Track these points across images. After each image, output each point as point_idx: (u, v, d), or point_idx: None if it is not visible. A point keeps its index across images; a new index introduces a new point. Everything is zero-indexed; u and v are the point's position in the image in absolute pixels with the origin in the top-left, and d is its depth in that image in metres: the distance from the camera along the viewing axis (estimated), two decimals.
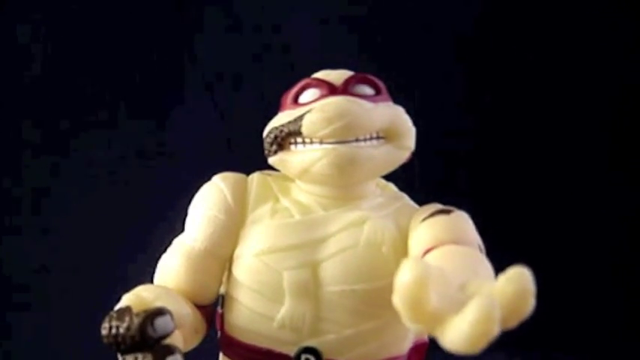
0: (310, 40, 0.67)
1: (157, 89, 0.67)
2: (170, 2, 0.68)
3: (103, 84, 0.66)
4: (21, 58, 0.66)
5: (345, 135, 0.38)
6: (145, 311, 0.33)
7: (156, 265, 0.42)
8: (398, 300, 0.26)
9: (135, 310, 0.34)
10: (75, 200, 0.66)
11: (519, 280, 0.26)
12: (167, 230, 0.42)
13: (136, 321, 0.32)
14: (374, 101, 0.40)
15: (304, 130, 0.39)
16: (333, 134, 0.38)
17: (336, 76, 0.41)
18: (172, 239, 0.43)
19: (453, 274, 0.30)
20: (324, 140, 0.39)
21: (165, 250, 0.43)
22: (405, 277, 0.26)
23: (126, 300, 0.35)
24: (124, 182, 0.66)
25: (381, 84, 0.42)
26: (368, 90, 0.41)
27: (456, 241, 0.37)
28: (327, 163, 0.39)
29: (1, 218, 0.66)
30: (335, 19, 0.68)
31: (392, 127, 0.40)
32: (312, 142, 0.40)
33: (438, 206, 0.41)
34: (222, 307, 0.43)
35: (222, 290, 0.43)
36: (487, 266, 0.34)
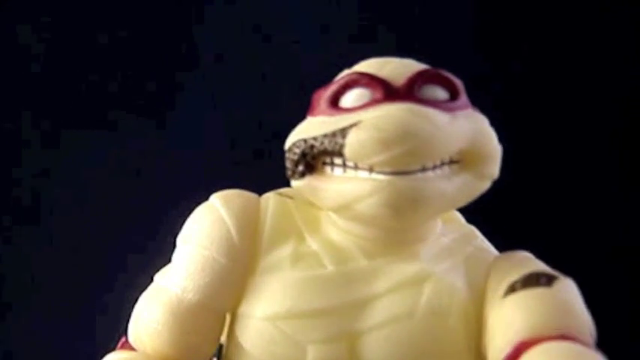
0: (312, 39, 0.63)
1: (157, 89, 0.64)
2: (170, 1, 0.65)
3: (102, 84, 0.64)
4: (20, 58, 0.64)
5: (407, 164, 0.26)
6: None
7: (154, 268, 0.33)
8: None
9: None
10: (73, 200, 0.63)
11: None
12: (167, 233, 0.35)
13: None
14: (450, 110, 0.28)
15: (348, 152, 0.27)
16: (391, 163, 0.26)
17: (395, 70, 0.28)
18: (173, 242, 0.32)
19: None
20: (377, 169, 0.27)
21: (162, 254, 0.33)
22: None
23: None
24: (123, 183, 0.63)
25: (458, 83, 0.29)
26: (441, 93, 0.28)
27: (563, 333, 0.25)
28: (379, 202, 0.26)
29: None
30: (337, 18, 0.64)
31: (473, 148, 0.28)
32: (356, 168, 0.27)
33: (528, 261, 0.29)
34: None
35: (222, 339, 0.32)
36: None
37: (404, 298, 0.28)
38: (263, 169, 0.35)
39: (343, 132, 0.27)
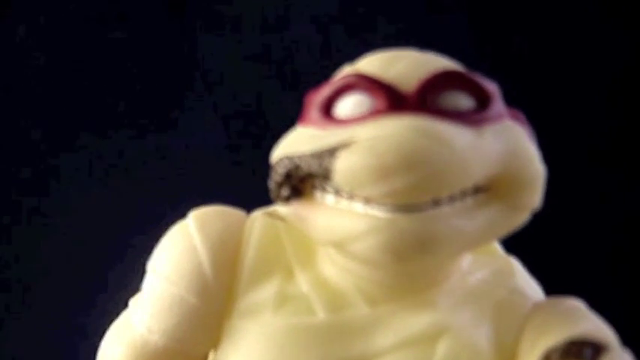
0: (313, 41, 0.62)
1: (158, 92, 0.63)
2: (171, 4, 0.64)
3: (103, 86, 0.63)
4: (21, 60, 0.63)
5: (414, 197, 0.20)
6: None
7: None
8: None
9: None
10: (73, 203, 0.63)
11: None
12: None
13: None
14: (475, 124, 0.21)
15: (338, 179, 0.20)
16: (392, 196, 0.20)
17: (406, 70, 0.21)
18: None
19: None
20: (375, 201, 0.21)
21: None
22: None
23: None
24: (124, 186, 0.62)
25: (490, 87, 0.22)
26: (465, 101, 0.21)
27: None
28: (377, 245, 0.20)
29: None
30: (338, 19, 0.62)
31: (505, 173, 0.21)
32: (351, 196, 0.21)
33: (573, 316, 0.23)
34: None
35: None
36: None
37: (412, 358, 0.22)
38: (263, 169, 0.29)
39: (332, 152, 0.20)
